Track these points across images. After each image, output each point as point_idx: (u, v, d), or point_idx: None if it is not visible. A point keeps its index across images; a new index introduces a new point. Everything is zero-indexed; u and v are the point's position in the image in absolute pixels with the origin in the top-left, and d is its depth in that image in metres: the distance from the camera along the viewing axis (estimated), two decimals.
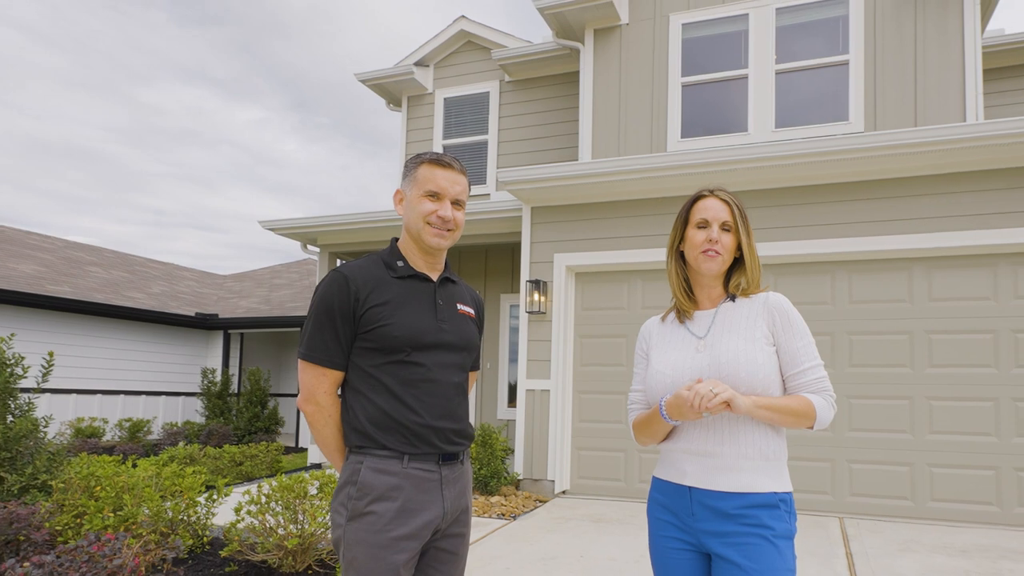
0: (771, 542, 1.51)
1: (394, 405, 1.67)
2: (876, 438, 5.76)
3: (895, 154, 5.65)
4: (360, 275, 1.71)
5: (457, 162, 1.83)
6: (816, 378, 1.62)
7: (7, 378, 4.92)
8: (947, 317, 5.71)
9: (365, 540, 1.61)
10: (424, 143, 9.75)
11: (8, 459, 4.75)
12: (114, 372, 12.13)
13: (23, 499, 4.55)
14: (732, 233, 1.68)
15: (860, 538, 4.97)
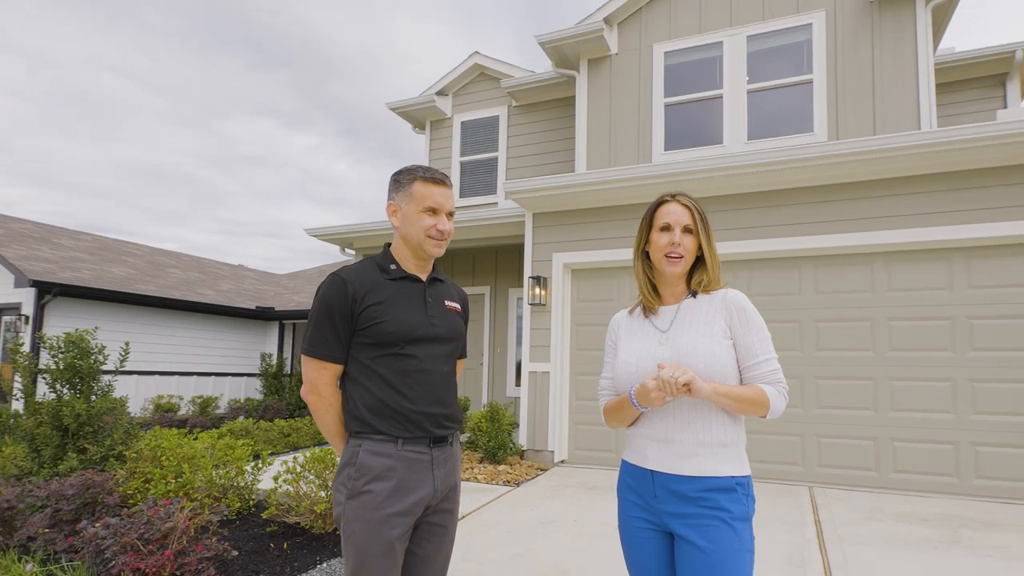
0: (729, 524, 1.39)
1: (389, 394, 1.58)
2: (842, 415, 5.30)
3: (853, 160, 5.20)
4: (357, 278, 1.62)
5: (447, 177, 1.72)
6: (771, 370, 1.49)
7: (91, 364, 4.92)
8: (906, 306, 5.24)
9: (363, 517, 1.52)
10: (444, 160, 9.46)
11: (91, 432, 4.77)
12: (188, 356, 12.10)
13: (103, 467, 4.59)
14: (693, 235, 1.55)
15: (828, 506, 4.58)
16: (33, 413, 4.77)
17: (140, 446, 4.17)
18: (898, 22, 6.39)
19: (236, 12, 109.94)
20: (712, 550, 1.36)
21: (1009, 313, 4.95)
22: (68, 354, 4.82)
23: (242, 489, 4.29)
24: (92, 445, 4.72)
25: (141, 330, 11.27)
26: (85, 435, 4.73)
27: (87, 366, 4.88)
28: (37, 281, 10.00)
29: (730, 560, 1.36)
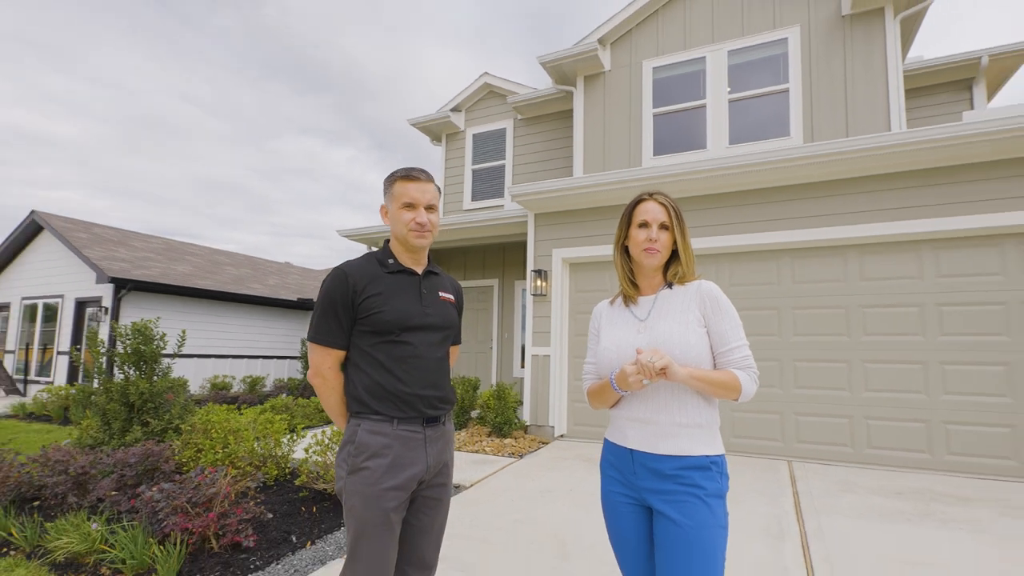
0: (704, 501, 1.30)
1: (386, 377, 1.51)
2: (819, 394, 4.93)
3: (826, 161, 4.80)
4: (357, 272, 1.54)
5: (424, 172, 1.61)
6: (742, 356, 1.40)
7: (153, 349, 4.97)
8: (878, 294, 4.83)
9: (361, 491, 1.45)
10: (458, 168, 9.19)
11: (153, 408, 4.83)
12: (240, 342, 12.11)
13: (162, 438, 4.63)
14: (669, 231, 1.46)
15: (806, 479, 4.24)
16: (105, 391, 4.80)
17: (194, 420, 4.16)
18: (868, 34, 6.00)
19: (285, 45, 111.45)
20: (688, 525, 1.27)
21: (975, 300, 4.58)
22: (134, 341, 4.86)
23: (279, 459, 4.21)
24: (154, 419, 4.75)
25: (200, 319, 11.32)
26: (148, 410, 4.77)
27: (149, 351, 4.93)
28: (114, 278, 10.15)
29: (704, 535, 1.27)
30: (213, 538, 2.74)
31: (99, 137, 68.99)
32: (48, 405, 7.76)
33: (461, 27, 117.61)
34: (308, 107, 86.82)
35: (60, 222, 12.13)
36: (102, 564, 2.58)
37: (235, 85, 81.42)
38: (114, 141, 72.94)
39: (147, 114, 72.08)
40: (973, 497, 3.85)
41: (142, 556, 2.52)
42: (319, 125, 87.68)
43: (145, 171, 79.17)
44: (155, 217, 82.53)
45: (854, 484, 4.16)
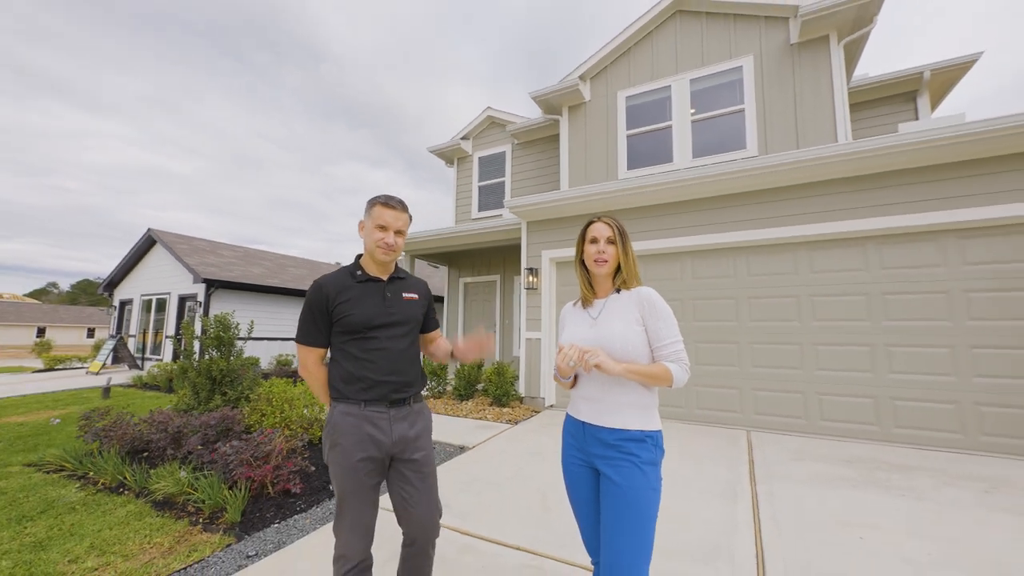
0: (639, 467, 1.22)
1: (355, 367, 1.42)
2: (772, 373, 4.19)
3: (777, 170, 4.06)
4: (331, 284, 1.46)
5: (401, 203, 1.50)
6: (674, 351, 1.28)
7: (230, 335, 4.91)
8: (827, 284, 4.08)
9: (339, 463, 1.39)
10: (467, 185, 8.53)
11: (229, 381, 4.77)
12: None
13: (236, 405, 4.55)
14: (615, 245, 1.37)
15: (762, 447, 3.63)
16: (195, 368, 4.82)
17: (260, 391, 4.09)
18: (815, 59, 5.15)
19: (339, 95, 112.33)
20: (625, 485, 1.22)
21: (916, 289, 3.80)
22: (216, 329, 4.83)
23: (323, 422, 3.88)
24: (230, 390, 4.70)
25: (270, 310, 10.89)
26: (226, 383, 4.73)
27: (227, 336, 4.87)
28: (206, 279, 9.98)
29: (639, 495, 1.21)
30: (270, 485, 2.70)
31: (203, 171, 70.66)
32: (158, 378, 7.70)
33: (478, 69, 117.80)
34: (356, 139, 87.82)
35: (168, 236, 11.92)
36: (189, 503, 2.59)
37: (301, 124, 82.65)
38: (213, 173, 74.54)
39: (237, 151, 73.54)
40: (916, 466, 3.17)
41: (216, 498, 2.53)
42: (365, 153, 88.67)
43: (235, 195, 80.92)
44: (240, 230, 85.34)
45: (806, 453, 3.52)
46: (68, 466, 3.19)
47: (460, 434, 4.08)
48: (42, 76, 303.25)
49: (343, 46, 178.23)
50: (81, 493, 2.75)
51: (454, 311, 8.50)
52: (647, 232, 4.93)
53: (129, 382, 7.94)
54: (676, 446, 3.66)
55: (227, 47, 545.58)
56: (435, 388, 6.17)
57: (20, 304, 32.73)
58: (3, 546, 2.15)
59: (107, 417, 3.73)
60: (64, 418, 4.98)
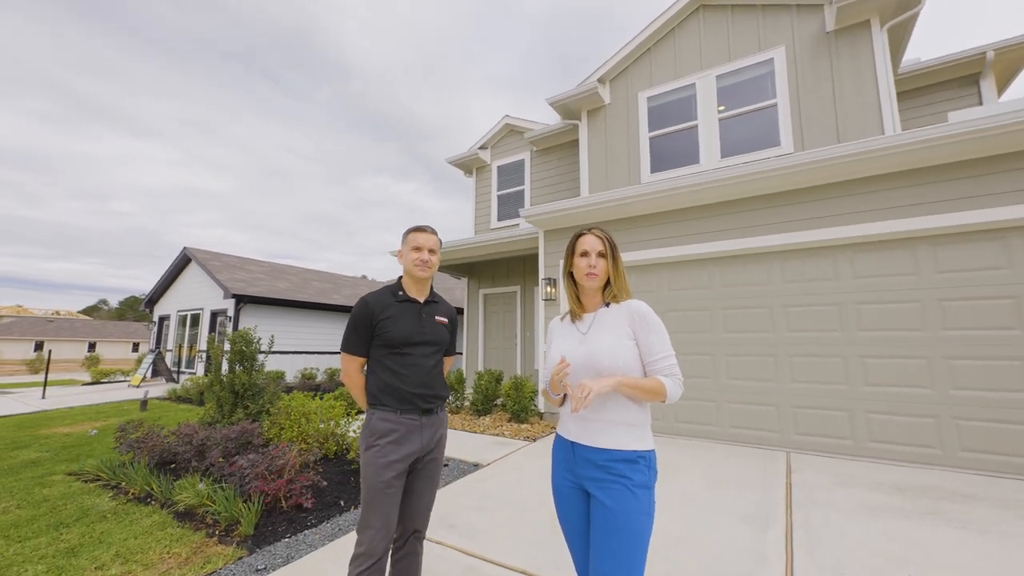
0: (630, 490, 1.22)
1: (391, 379, 1.63)
2: (815, 388, 3.99)
3: (821, 166, 3.89)
4: (375, 301, 1.68)
5: (430, 227, 1.78)
6: (667, 364, 1.30)
7: (252, 349, 5.08)
8: (875, 290, 3.87)
9: (372, 463, 1.56)
10: (486, 194, 8.76)
11: (251, 395, 4.94)
12: (323, 340, 12.18)
13: (257, 419, 4.72)
14: (605, 259, 1.41)
15: (803, 470, 3.44)
16: (219, 381, 5.01)
17: (280, 404, 4.24)
18: (855, 46, 4.96)
19: (363, 107, 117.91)
20: (616, 509, 1.21)
21: (980, 295, 3.50)
22: (238, 344, 5.00)
23: (338, 437, 4.09)
24: (252, 404, 4.86)
25: (295, 324, 11.47)
26: (248, 396, 4.90)
27: (249, 351, 5.05)
28: (235, 294, 10.57)
29: (631, 519, 1.20)
30: (283, 499, 2.79)
31: (238, 188, 76.37)
32: (191, 391, 8.11)
33: (500, 78, 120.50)
34: (382, 151, 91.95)
35: (200, 254, 12.81)
36: (207, 515, 2.72)
37: (329, 139, 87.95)
38: (248, 190, 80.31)
39: (269, 167, 78.87)
40: (982, 495, 2.92)
41: (232, 510, 2.65)
42: (390, 165, 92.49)
43: (268, 210, 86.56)
44: (271, 245, 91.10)
45: (853, 477, 3.31)
46: (103, 476, 3.45)
47: (475, 450, 4.10)
48: (93, 104, 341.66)
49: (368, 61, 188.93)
50: (113, 503, 2.98)
51: (474, 323, 8.64)
52: (671, 239, 4.85)
53: (165, 395, 8.49)
54: (703, 467, 3.54)
55: (261, 69, 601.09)
56: (453, 403, 6.23)
57: (75, 320, 36.33)
58: (40, 551, 2.39)
59: (140, 429, 4.00)
60: (104, 429, 5.47)
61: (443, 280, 14.61)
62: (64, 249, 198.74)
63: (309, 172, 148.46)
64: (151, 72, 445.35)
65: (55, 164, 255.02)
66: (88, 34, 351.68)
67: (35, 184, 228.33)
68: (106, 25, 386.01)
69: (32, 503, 3.02)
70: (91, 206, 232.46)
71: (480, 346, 8.49)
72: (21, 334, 30.17)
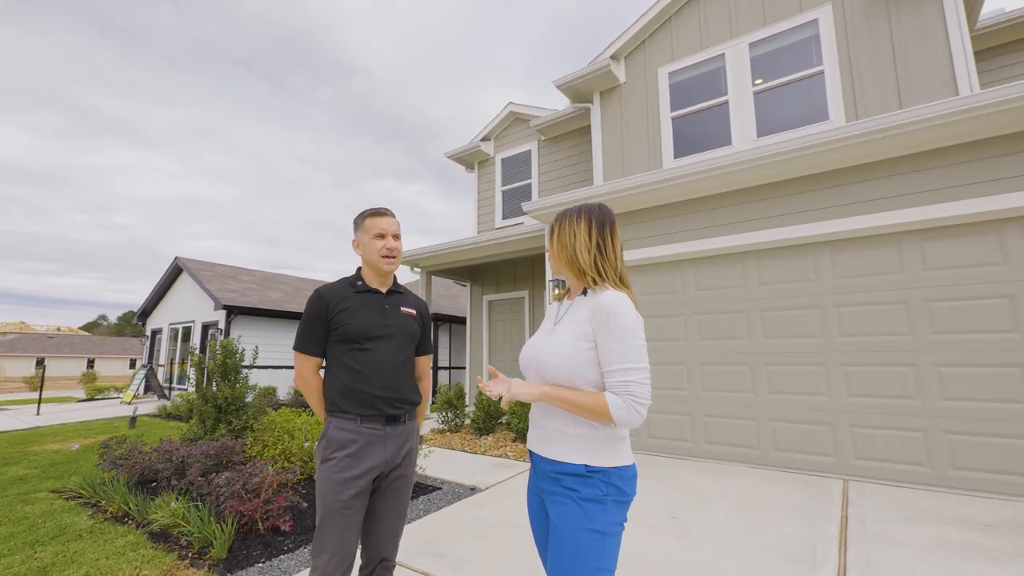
0: (577, 503, 1.11)
1: (351, 380, 1.55)
2: (878, 404, 3.57)
3: (890, 135, 3.52)
4: (331, 293, 1.61)
5: (389, 210, 1.70)
6: (620, 381, 1.09)
7: (235, 362, 5.07)
8: (953, 285, 3.45)
9: (328, 478, 1.49)
10: (489, 190, 8.55)
11: (234, 410, 4.93)
12: None
13: (240, 435, 4.67)
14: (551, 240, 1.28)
15: (862, 501, 3.10)
16: (202, 396, 5.03)
17: (264, 420, 4.23)
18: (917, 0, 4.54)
19: (366, 106, 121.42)
20: (558, 524, 1.12)
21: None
22: (221, 355, 5.00)
23: None
24: (235, 419, 4.86)
25: (287, 336, 11.45)
26: (231, 412, 4.90)
27: (232, 363, 5.05)
28: (226, 305, 10.68)
29: (571, 535, 1.09)
30: (260, 520, 2.78)
31: (238, 196, 79.86)
32: (181, 408, 8.19)
33: (511, 69, 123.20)
34: (386, 152, 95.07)
35: (192, 264, 13.06)
36: (182, 535, 2.75)
37: (333, 142, 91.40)
38: (249, 198, 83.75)
39: (271, 173, 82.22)
40: None
41: (205, 531, 2.65)
42: (394, 167, 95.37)
43: (270, 219, 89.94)
44: (272, 255, 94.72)
45: (926, 511, 2.94)
46: (84, 494, 3.59)
47: (474, 473, 3.99)
48: (96, 116, 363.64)
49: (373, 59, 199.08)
50: (91, 521, 3.10)
51: (477, 333, 8.38)
52: (699, 230, 4.51)
53: (156, 412, 8.69)
54: (738, 494, 3.32)
55: (263, 72, 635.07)
56: (452, 421, 6.04)
57: (74, 337, 37.97)
58: (12, 570, 2.48)
59: (123, 446, 4.09)
60: (92, 447, 5.69)
61: (445, 287, 14.42)
62: (68, 264, 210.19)
63: (313, 178, 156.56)
64: (150, 79, 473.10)
65: (61, 178, 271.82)
66: (89, 40, 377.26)
67: (41, 199, 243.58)
68: (105, 31, 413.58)
69: (12, 520, 3.17)
70: (94, 220, 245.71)
71: (485, 357, 8.21)
72: (23, 351, 31.65)
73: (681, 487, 3.50)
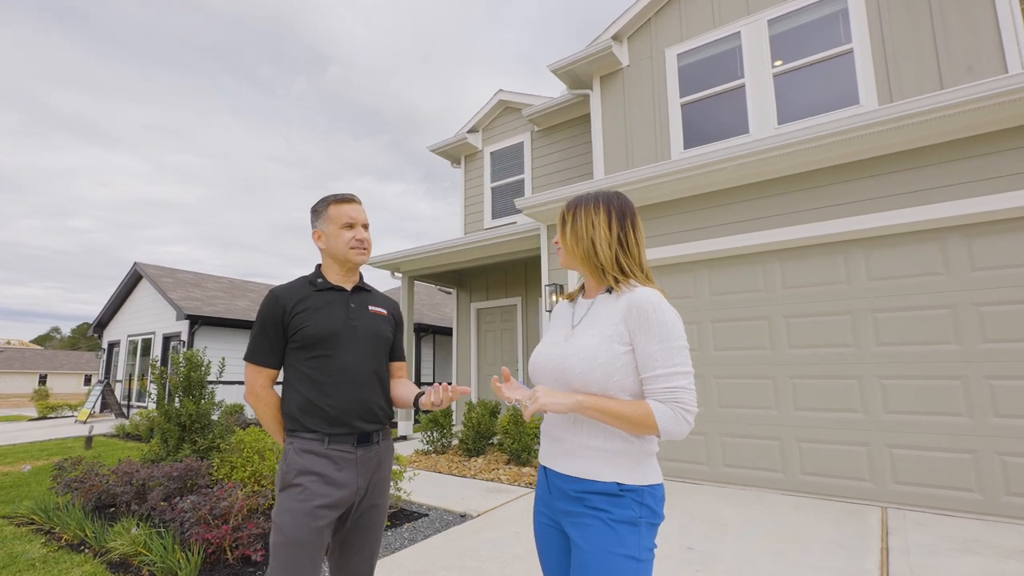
0: (608, 524, 1.03)
1: (314, 393, 1.39)
2: (919, 421, 3.34)
3: (936, 116, 3.35)
4: (286, 293, 1.47)
5: (355, 195, 1.56)
6: (667, 387, 1.02)
7: (200, 375, 4.96)
8: (1002, 287, 3.26)
9: (291, 508, 1.32)
10: (477, 187, 8.27)
11: (199, 428, 4.83)
12: None
13: (206, 455, 4.58)
14: (562, 230, 1.19)
15: (904, 532, 2.91)
16: (164, 413, 4.90)
17: (232, 439, 4.10)
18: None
19: (345, 98, 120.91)
20: (587, 549, 1.03)
21: None
22: (185, 368, 4.87)
23: None
24: (200, 438, 4.78)
25: None
26: (196, 430, 4.81)
27: (196, 377, 4.94)
28: (189, 315, 10.41)
29: (604, 561, 1.01)
30: (229, 549, 2.69)
31: (203, 198, 79.04)
32: (140, 426, 8.04)
33: (506, 55, 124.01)
34: (365, 149, 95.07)
35: (153, 270, 12.66)
36: (143, 565, 2.68)
37: (306, 138, 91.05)
38: (217, 199, 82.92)
39: (240, 174, 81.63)
40: None
41: (168, 561, 2.58)
42: (375, 165, 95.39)
43: (235, 222, 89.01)
44: (241, 261, 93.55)
45: (979, 542, 2.79)
46: (37, 520, 3.51)
47: (464, 498, 3.89)
48: (54, 113, 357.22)
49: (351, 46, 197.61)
50: (44, 549, 3.02)
51: (465, 344, 8.08)
52: (713, 228, 4.28)
53: (113, 431, 8.54)
54: (765, 523, 3.14)
55: (232, 63, 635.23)
56: (438, 441, 5.79)
57: (25, 351, 36.77)
58: None
59: (78, 468, 4.00)
60: (45, 468, 5.51)
61: (428, 294, 14.03)
62: (19, 272, 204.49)
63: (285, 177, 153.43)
64: (112, 74, 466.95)
65: (12, 180, 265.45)
66: (46, 32, 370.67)
67: None
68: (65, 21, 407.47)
69: None
70: (49, 224, 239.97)
71: (473, 371, 7.90)
72: None
73: (697, 514, 3.31)
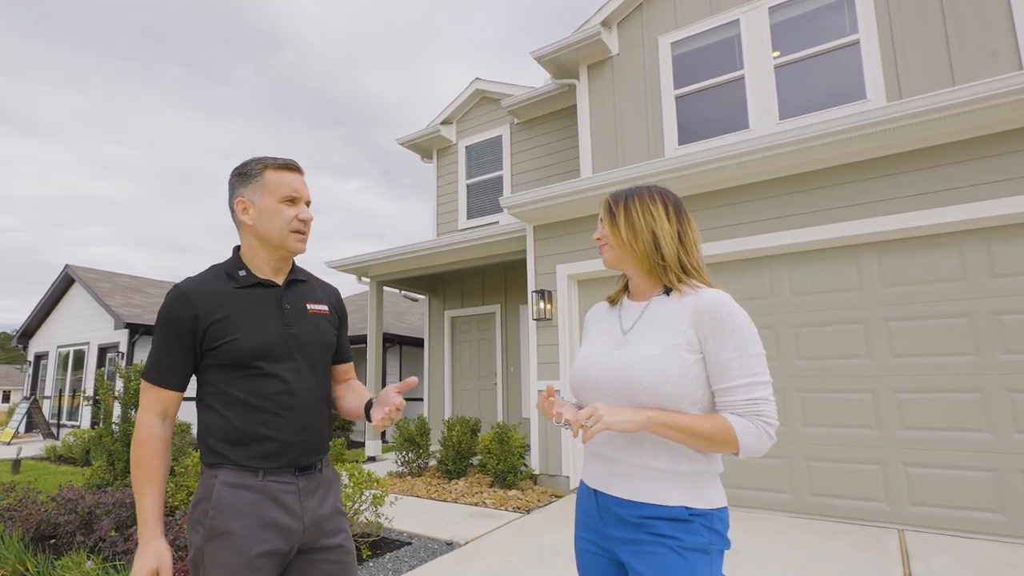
0: (679, 553, 0.96)
1: (247, 421, 1.11)
2: (938, 438, 3.24)
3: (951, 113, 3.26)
4: (199, 290, 1.13)
5: (298, 162, 1.23)
6: (748, 399, 0.95)
7: None
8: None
9: (225, 563, 1.06)
10: (451, 184, 7.93)
11: None
12: None
13: None
14: (607, 223, 1.12)
15: (926, 557, 2.82)
16: (110, 433, 4.70)
17: (188, 462, 3.94)
18: None
19: (298, 85, 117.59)
20: None
21: None
22: (134, 382, 4.63)
23: None
24: None
25: None
26: None
27: None
28: (129, 323, 9.81)
29: None
30: None
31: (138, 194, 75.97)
32: (73, 448, 7.71)
33: (477, 40, 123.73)
34: (320, 142, 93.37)
35: (87, 273, 11.94)
36: None
37: (254, 129, 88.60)
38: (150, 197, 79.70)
39: (176, 167, 78.75)
40: None
41: None
42: (331, 159, 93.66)
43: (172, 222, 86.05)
44: (180, 264, 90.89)
45: (1006, 566, 2.70)
46: None
47: (448, 525, 3.78)
48: None
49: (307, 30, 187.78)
50: None
51: (438, 355, 7.72)
52: (715, 230, 4.12)
53: (43, 453, 8.17)
54: (776, 550, 3.04)
55: (173, 46, 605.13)
56: (414, 462, 5.49)
57: None
58: None
59: (11, 495, 3.82)
60: None
61: (393, 302, 13.41)
62: None
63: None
64: (47, 58, 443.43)
65: None
66: None
67: None
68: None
69: None
70: None
71: (446, 386, 7.55)
72: None
73: None
